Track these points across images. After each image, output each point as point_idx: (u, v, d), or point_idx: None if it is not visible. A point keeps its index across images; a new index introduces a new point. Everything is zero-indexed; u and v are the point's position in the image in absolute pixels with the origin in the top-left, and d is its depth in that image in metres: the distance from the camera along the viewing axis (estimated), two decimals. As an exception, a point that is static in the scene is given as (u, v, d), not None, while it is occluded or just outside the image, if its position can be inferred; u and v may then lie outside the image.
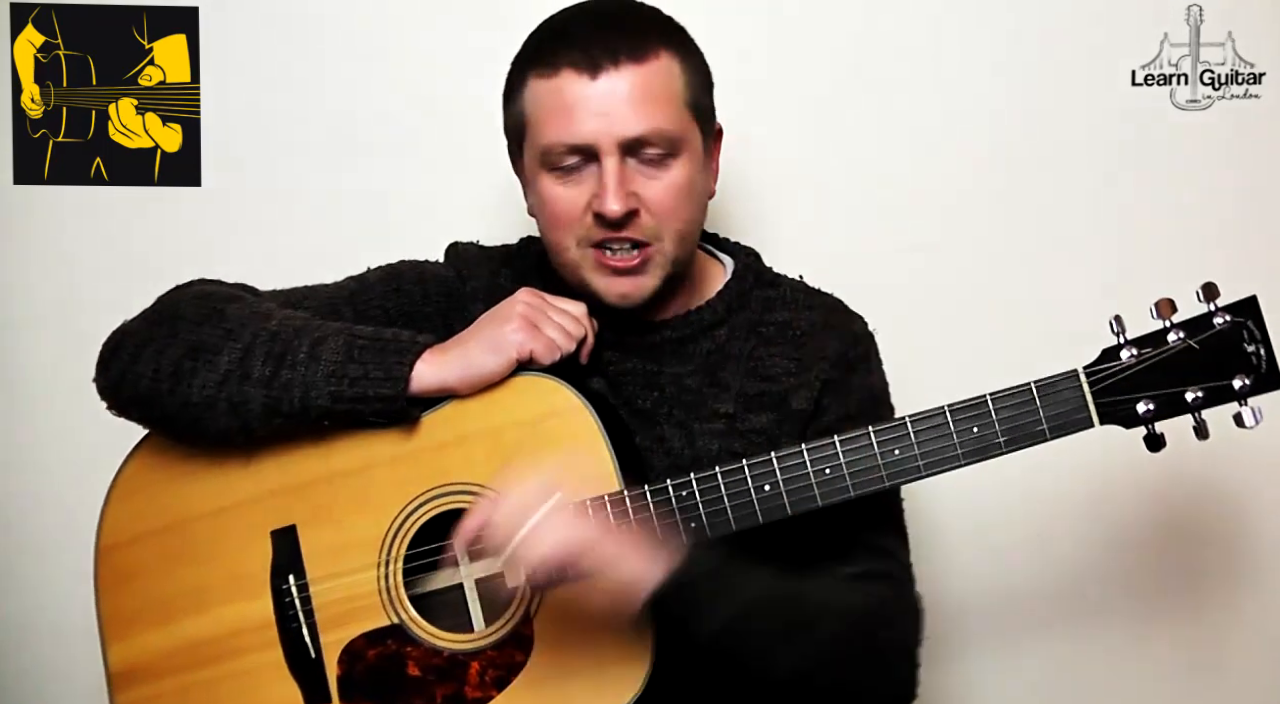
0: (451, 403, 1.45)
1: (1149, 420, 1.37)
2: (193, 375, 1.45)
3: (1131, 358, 1.36)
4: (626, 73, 1.44)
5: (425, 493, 1.45)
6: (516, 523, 1.31)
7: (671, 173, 1.48)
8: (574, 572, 1.32)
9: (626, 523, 1.38)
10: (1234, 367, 1.35)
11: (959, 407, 1.38)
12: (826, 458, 1.39)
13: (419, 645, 1.45)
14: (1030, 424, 1.37)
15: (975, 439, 1.38)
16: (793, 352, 1.55)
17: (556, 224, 1.50)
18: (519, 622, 1.42)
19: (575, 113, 1.45)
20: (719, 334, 1.56)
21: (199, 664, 1.50)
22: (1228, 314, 1.35)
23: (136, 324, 1.53)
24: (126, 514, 1.54)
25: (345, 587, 1.46)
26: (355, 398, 1.43)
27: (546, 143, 1.47)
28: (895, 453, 1.38)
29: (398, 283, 1.60)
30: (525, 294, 1.49)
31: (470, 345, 1.45)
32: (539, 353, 1.44)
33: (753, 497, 1.39)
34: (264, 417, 1.44)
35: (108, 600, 1.53)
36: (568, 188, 1.48)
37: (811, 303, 1.60)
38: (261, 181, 2.01)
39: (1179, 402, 1.36)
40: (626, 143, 1.45)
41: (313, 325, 1.47)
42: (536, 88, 1.48)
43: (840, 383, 1.54)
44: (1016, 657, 2.05)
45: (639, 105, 1.44)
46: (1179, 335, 1.35)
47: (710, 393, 1.54)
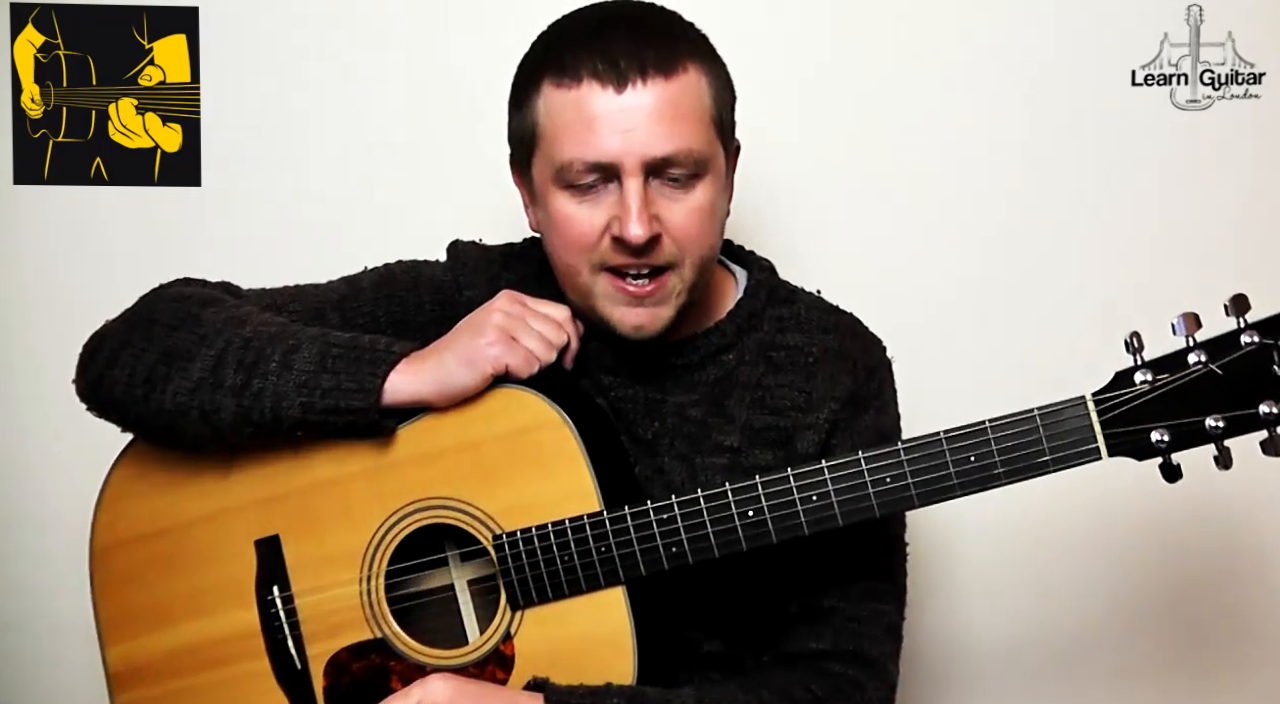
0: (430, 415, 1.42)
1: (1164, 451, 1.26)
2: (166, 382, 1.42)
3: (1146, 383, 1.25)
4: (655, 87, 1.35)
5: (406, 507, 1.43)
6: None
7: (696, 195, 1.40)
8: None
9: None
10: (1261, 392, 1.23)
11: (956, 434, 1.30)
12: (813, 485, 1.33)
13: (402, 660, 1.44)
14: (1033, 454, 1.28)
15: (973, 468, 1.29)
16: (803, 382, 1.49)
17: (570, 247, 1.42)
18: (500, 640, 1.41)
19: (597, 128, 1.36)
20: (727, 359, 1.50)
21: (193, 669, 1.50)
22: (1256, 332, 1.22)
23: (114, 326, 1.51)
24: (119, 517, 1.53)
25: (329, 600, 1.46)
26: (327, 409, 1.39)
27: (565, 159, 1.38)
28: (887, 480, 1.31)
29: (390, 288, 1.56)
30: (504, 301, 1.44)
31: (446, 357, 1.40)
32: (515, 367, 1.39)
33: (736, 523, 1.34)
34: (235, 426, 1.41)
35: (105, 602, 1.54)
36: (584, 207, 1.40)
37: (827, 325, 1.53)
38: (261, 181, 2.01)
39: (1199, 431, 1.24)
40: (652, 163, 1.36)
41: (288, 332, 1.43)
42: (553, 97, 1.39)
43: (850, 423, 1.48)
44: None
45: (667, 123, 1.36)
46: (1200, 357, 1.23)
47: (715, 424, 1.49)
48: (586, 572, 1.37)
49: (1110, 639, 1.99)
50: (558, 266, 1.47)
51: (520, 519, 1.39)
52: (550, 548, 1.38)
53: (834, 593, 1.47)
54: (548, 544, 1.38)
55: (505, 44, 1.57)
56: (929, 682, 1.62)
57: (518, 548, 1.39)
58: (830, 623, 1.46)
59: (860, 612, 1.47)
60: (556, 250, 1.45)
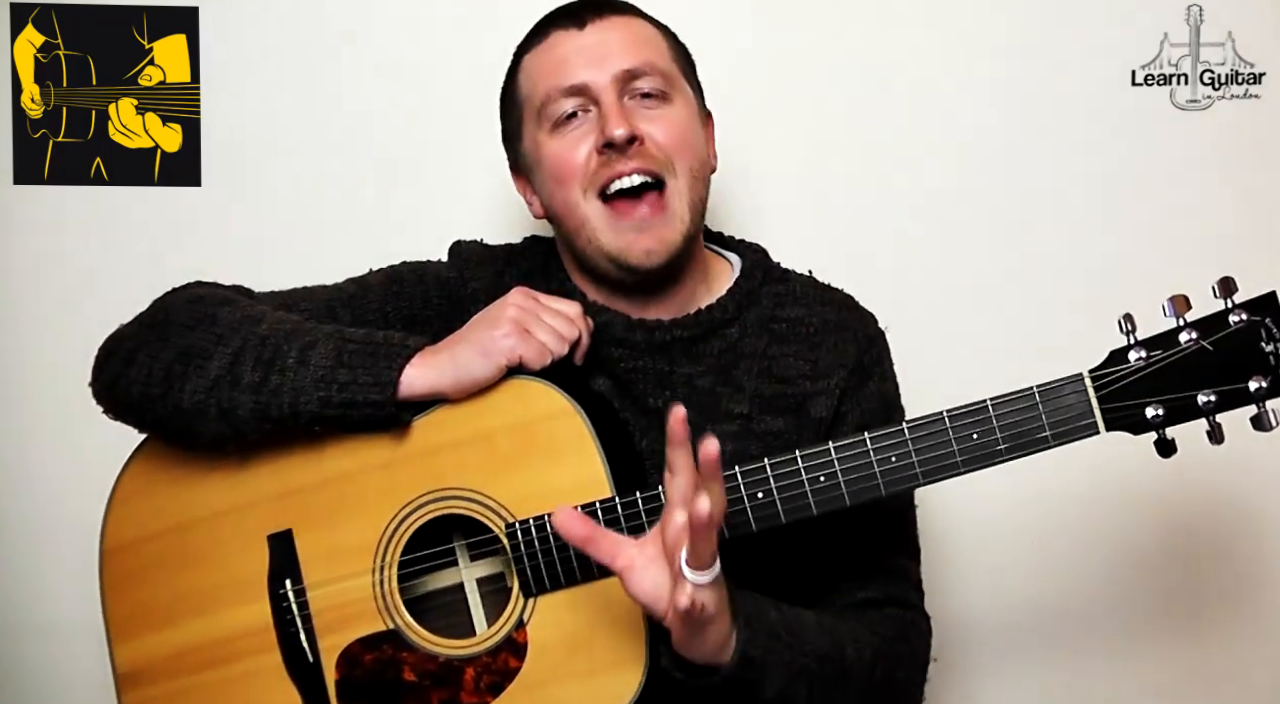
0: (443, 407, 1.43)
1: (1159, 426, 1.30)
2: (184, 380, 1.44)
3: (1140, 360, 1.29)
4: (613, 20, 1.50)
5: (419, 498, 1.44)
6: None
7: (671, 109, 1.49)
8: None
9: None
10: (1250, 368, 1.27)
11: (958, 412, 1.33)
12: (821, 465, 1.35)
13: (415, 651, 1.44)
14: (1033, 430, 1.31)
15: (975, 445, 1.32)
16: (807, 352, 1.54)
17: (562, 178, 1.49)
18: (513, 628, 1.41)
19: (568, 60, 1.48)
20: (730, 332, 1.54)
21: (201, 667, 1.50)
22: (1244, 312, 1.27)
23: (130, 328, 1.52)
24: (128, 518, 1.54)
25: (341, 591, 1.46)
26: (344, 403, 1.41)
27: (542, 96, 1.49)
28: (892, 459, 1.34)
29: (399, 285, 1.58)
30: (517, 296, 1.46)
31: (460, 349, 1.42)
32: (529, 358, 1.41)
33: (745, 504, 1.36)
34: (254, 422, 1.43)
35: (113, 603, 1.54)
36: (570, 138, 1.49)
37: (823, 298, 1.59)
38: (261, 181, 2.01)
39: (1191, 406, 1.28)
40: (620, 76, 1.47)
41: (304, 329, 1.45)
42: (528, 62, 1.53)
43: (857, 390, 1.53)
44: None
45: (629, 45, 1.49)
46: (1191, 335, 1.28)
47: (724, 393, 1.52)
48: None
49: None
50: (559, 213, 1.52)
51: (533, 507, 1.40)
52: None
53: (864, 551, 1.52)
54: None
55: (506, 43, 1.58)
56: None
57: (530, 535, 1.39)
58: (871, 576, 1.52)
59: (893, 564, 1.54)
60: (554, 194, 1.52)
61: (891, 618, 1.51)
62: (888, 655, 1.45)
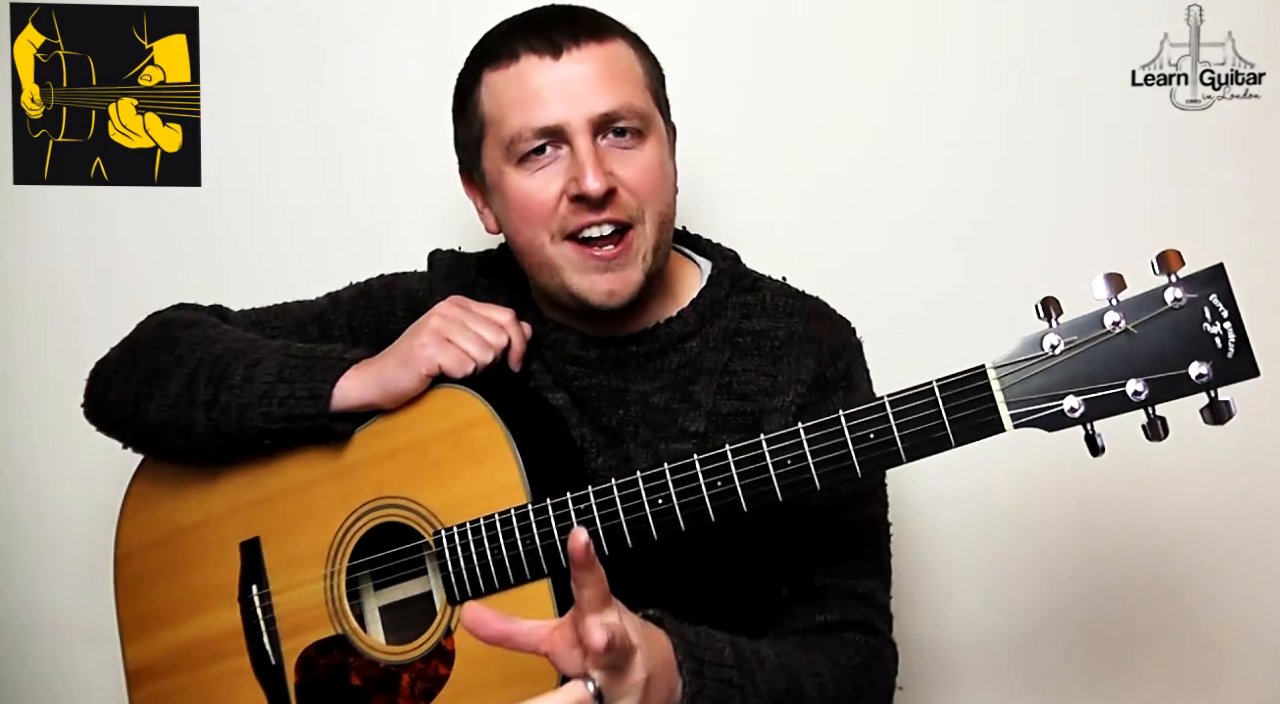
0: (382, 417, 1.46)
1: (1079, 421, 1.15)
2: (149, 400, 1.51)
3: (1053, 348, 1.15)
4: (589, 51, 1.40)
5: (362, 506, 1.47)
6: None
7: (645, 152, 1.42)
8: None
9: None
10: (1190, 352, 1.12)
11: (855, 412, 1.23)
12: (718, 470, 1.28)
13: (360, 656, 1.47)
14: (932, 429, 1.19)
15: (872, 446, 1.22)
16: (769, 366, 1.48)
17: (529, 219, 1.43)
18: (442, 635, 1.42)
19: (541, 96, 1.39)
20: (690, 346, 1.49)
21: (188, 666, 1.57)
22: (1181, 289, 1.12)
23: (113, 353, 1.60)
24: (135, 527, 1.61)
25: (301, 597, 1.50)
26: (284, 417, 1.45)
27: (513, 131, 1.40)
28: (788, 463, 1.25)
29: (366, 299, 1.61)
30: (444, 305, 1.48)
31: (387, 361, 1.45)
32: (449, 366, 1.42)
33: (675, 503, 1.30)
34: (210, 438, 1.49)
35: (124, 605, 1.62)
36: (538, 178, 1.41)
37: (792, 308, 1.53)
38: (261, 181, 2.01)
39: (1118, 398, 1.14)
40: (597, 120, 1.39)
41: (254, 347, 1.50)
42: (494, 81, 1.43)
43: (816, 406, 1.46)
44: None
45: (606, 82, 1.40)
46: (1116, 317, 1.13)
47: (680, 410, 1.48)
48: (514, 565, 1.37)
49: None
50: (521, 249, 1.48)
51: (459, 514, 1.41)
52: (482, 542, 1.39)
53: (822, 572, 1.47)
54: (479, 538, 1.39)
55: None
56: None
57: (454, 543, 1.40)
58: (829, 599, 1.47)
59: (854, 587, 1.47)
60: (518, 230, 1.46)
61: (852, 644, 1.45)
62: (850, 688, 1.41)
